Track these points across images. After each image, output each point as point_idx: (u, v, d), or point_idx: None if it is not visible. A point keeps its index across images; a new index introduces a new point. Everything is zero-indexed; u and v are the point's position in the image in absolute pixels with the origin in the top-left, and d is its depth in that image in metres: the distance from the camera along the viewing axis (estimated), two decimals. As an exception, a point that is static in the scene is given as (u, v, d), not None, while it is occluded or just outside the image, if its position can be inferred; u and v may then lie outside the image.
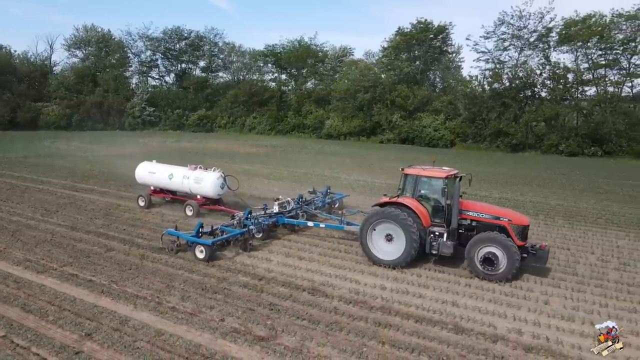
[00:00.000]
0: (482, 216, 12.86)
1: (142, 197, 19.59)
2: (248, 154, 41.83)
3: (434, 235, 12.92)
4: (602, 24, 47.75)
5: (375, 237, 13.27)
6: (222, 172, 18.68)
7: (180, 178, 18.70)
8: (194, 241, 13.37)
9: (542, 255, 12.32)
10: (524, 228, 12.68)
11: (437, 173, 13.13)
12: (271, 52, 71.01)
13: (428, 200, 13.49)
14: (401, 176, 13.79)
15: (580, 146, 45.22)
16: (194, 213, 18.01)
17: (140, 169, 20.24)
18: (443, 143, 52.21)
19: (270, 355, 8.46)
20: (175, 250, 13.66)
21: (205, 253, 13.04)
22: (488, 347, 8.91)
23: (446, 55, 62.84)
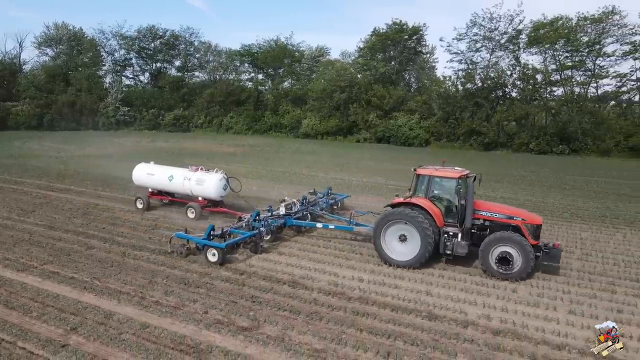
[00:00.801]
0: (495, 216, 12.87)
1: (140, 199, 19.04)
2: (226, 153, 41.86)
3: (447, 235, 12.91)
4: (569, 27, 49.58)
5: (388, 237, 13.17)
6: (225, 173, 18.32)
7: (181, 180, 18.21)
8: (207, 244, 13.10)
9: (555, 254, 12.41)
10: (537, 227, 12.73)
11: (450, 173, 13.15)
12: (247, 52, 70.96)
13: (441, 200, 13.49)
14: (413, 176, 13.75)
15: (549, 145, 46.81)
16: (196, 215, 17.60)
17: (137, 171, 19.62)
18: (418, 142, 53.24)
19: (254, 344, 8.82)
20: (185, 253, 13.35)
21: (218, 256, 12.80)
22: (459, 331, 9.48)
23: (421, 56, 63.99)
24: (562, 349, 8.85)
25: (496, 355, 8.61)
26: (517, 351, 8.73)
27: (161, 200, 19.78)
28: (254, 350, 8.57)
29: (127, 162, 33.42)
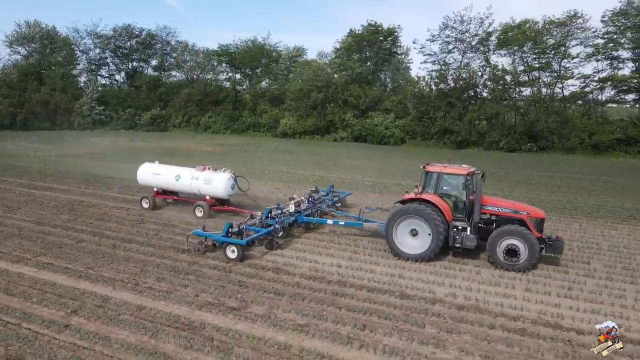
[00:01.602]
0: (502, 210, 13.53)
1: (146, 198, 19.12)
2: (205, 152, 42.35)
3: (457, 229, 13.53)
4: (536, 30, 51.70)
5: (400, 232, 13.74)
6: (233, 172, 18.56)
7: (188, 179, 18.33)
8: (227, 241, 13.37)
9: (558, 246, 13.14)
10: (541, 221, 13.45)
11: (459, 170, 13.82)
12: (225, 52, 71.17)
13: (449, 196, 14.04)
14: (422, 173, 14.32)
15: (517, 143, 48.72)
16: (204, 214, 17.73)
17: (142, 171, 19.67)
18: (394, 141, 54.60)
19: (243, 321, 9.73)
20: (203, 251, 13.59)
21: (238, 253, 13.10)
22: (428, 307, 10.58)
23: (395, 57, 65.44)
24: (518, 320, 10.05)
25: (460, 326, 9.71)
26: (478, 322, 9.86)
27: (165, 200, 19.88)
28: (243, 327, 9.47)
29: (107, 161, 33.83)
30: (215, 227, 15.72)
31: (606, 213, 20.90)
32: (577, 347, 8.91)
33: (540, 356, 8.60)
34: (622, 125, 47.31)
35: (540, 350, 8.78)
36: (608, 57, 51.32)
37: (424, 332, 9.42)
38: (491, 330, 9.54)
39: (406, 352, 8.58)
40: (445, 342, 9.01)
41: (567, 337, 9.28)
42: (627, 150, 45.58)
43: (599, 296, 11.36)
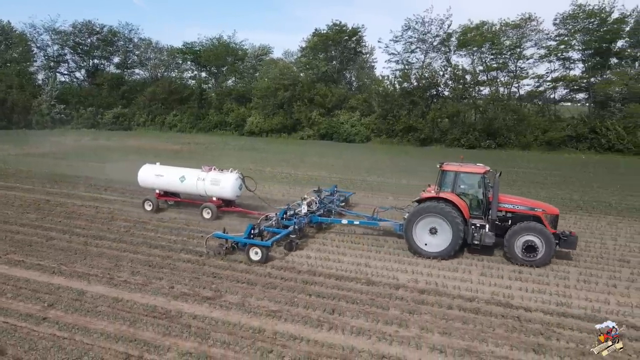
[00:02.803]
0: (518, 207, 13.84)
1: (149, 201, 18.64)
2: (172, 151, 42.06)
3: (475, 227, 13.75)
4: (493, 32, 53.97)
5: (419, 230, 13.85)
6: (241, 173, 18.35)
7: (194, 180, 17.99)
8: (251, 243, 13.20)
9: (572, 241, 13.43)
10: (555, 217, 13.86)
11: (476, 169, 14.13)
12: (190, 50, 70.47)
13: (466, 194, 14.30)
14: (438, 172, 14.51)
15: (477, 140, 50.73)
16: (212, 216, 17.47)
17: (144, 172, 19.14)
18: (359, 138, 55.68)
19: (218, 309, 10.22)
20: (223, 253, 13.33)
21: (262, 254, 12.93)
22: (392, 292, 11.37)
23: (360, 56, 66.61)
24: (473, 300, 10.98)
25: (421, 307, 10.54)
26: (438, 304, 10.72)
27: (166, 202, 19.50)
28: (218, 314, 9.97)
29: (71, 161, 33.27)
30: (209, 227, 16.00)
31: (556, 204, 22.10)
32: (525, 322, 9.89)
33: (492, 331, 9.50)
34: (573, 123, 50.12)
35: (492, 326, 9.69)
36: (560, 58, 54.27)
37: (388, 313, 10.18)
38: (449, 310, 10.40)
39: (372, 332, 9.31)
40: (407, 322, 9.79)
41: (516, 314, 10.26)
42: (577, 147, 48.39)
43: (545, 278, 12.47)
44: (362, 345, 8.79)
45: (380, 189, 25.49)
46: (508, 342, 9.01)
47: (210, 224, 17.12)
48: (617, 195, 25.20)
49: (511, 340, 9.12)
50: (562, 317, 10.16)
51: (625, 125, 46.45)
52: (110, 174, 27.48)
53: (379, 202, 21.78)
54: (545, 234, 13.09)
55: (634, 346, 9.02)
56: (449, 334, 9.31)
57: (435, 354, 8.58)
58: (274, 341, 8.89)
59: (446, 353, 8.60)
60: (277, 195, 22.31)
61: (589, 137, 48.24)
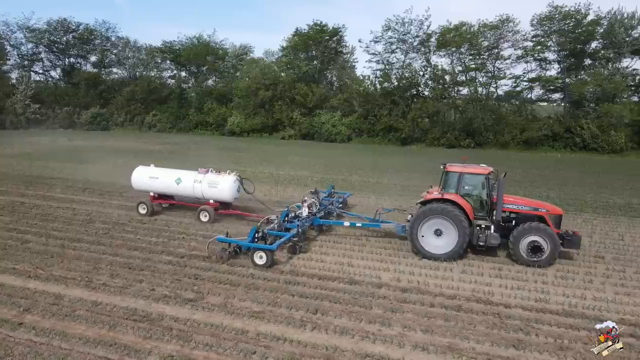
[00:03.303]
0: (522, 208, 13.80)
1: (144, 204, 18.05)
2: (151, 151, 41.48)
3: (479, 228, 13.72)
4: (471, 33, 54.65)
5: (424, 232, 13.67)
6: (239, 175, 17.99)
7: (190, 183, 17.54)
8: (256, 247, 12.89)
9: (575, 241, 13.49)
10: (559, 217, 13.80)
11: (480, 170, 14.02)
12: (169, 49, 69.52)
13: (470, 195, 14.12)
14: (442, 173, 14.49)
15: (457, 139, 51.38)
16: (209, 219, 17.09)
17: (137, 174, 18.56)
18: (340, 138, 55.77)
19: (200, 311, 10.12)
20: (226, 258, 12.96)
21: (267, 259, 12.62)
22: (374, 291, 11.43)
23: (341, 56, 66.65)
24: (454, 298, 11.11)
25: (403, 306, 10.62)
26: (420, 302, 10.83)
27: (160, 205, 18.89)
28: (201, 316, 9.87)
29: (47, 162, 32.49)
30: (191, 229, 15.80)
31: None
32: (505, 319, 10.07)
33: (473, 328, 9.63)
34: (549, 123, 51.13)
35: (473, 323, 9.82)
36: (536, 58, 55.34)
37: (371, 312, 10.23)
38: (431, 308, 10.51)
39: (355, 331, 9.34)
40: (390, 320, 9.85)
41: (496, 311, 10.42)
42: (554, 146, 49.51)
43: (524, 275, 12.71)
44: (345, 344, 8.82)
45: (362, 188, 25.58)
46: (489, 339, 9.15)
47: (192, 225, 16.95)
48: (592, 193, 25.84)
49: (492, 336, 9.26)
50: (540, 313, 10.37)
51: (599, 125, 47.63)
52: (88, 175, 26.96)
53: (361, 201, 21.90)
54: (550, 234, 13.09)
55: (610, 340, 9.22)
56: (431, 332, 9.40)
57: (418, 352, 8.65)
58: (257, 342, 8.84)
59: (429, 350, 8.68)
60: (259, 196, 22.14)
61: (564, 136, 49.35)
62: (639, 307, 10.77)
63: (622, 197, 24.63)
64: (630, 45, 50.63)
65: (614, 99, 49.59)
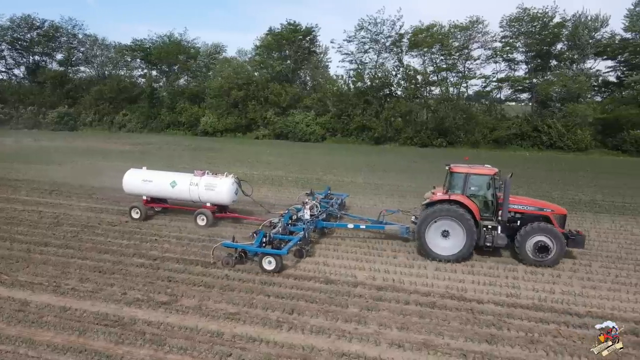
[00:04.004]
0: (527, 208, 13.78)
1: (136, 208, 17.41)
2: (122, 152, 40.57)
3: (486, 228, 13.62)
4: (442, 33, 55.60)
5: (431, 234, 13.55)
6: (237, 177, 17.49)
7: (186, 185, 16.97)
8: (265, 252, 12.51)
9: (580, 240, 13.54)
10: (563, 217, 13.87)
11: (486, 171, 13.92)
12: (139, 47, 68.14)
13: (476, 196, 13.97)
14: (447, 174, 14.39)
15: (429, 138, 52.21)
16: (207, 222, 16.59)
17: (129, 178, 17.83)
18: (314, 138, 55.82)
19: (174, 314, 9.94)
20: (233, 263, 12.56)
21: (276, 264, 12.25)
22: (350, 290, 11.46)
23: (314, 55, 66.75)
24: (429, 295, 11.26)
25: (379, 304, 10.68)
26: (395, 300, 10.92)
27: (152, 208, 18.11)
28: (174, 319, 9.69)
29: (10, 163, 31.34)
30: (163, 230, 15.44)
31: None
32: (478, 314, 10.26)
33: (447, 324, 9.77)
34: (517, 122, 52.61)
35: (448, 319, 9.97)
36: (505, 59, 56.78)
37: (347, 311, 10.25)
38: (406, 306, 10.61)
39: (331, 330, 9.35)
40: (366, 318, 9.90)
41: (469, 307, 10.62)
42: (522, 144, 50.94)
43: (496, 271, 12.99)
44: (321, 344, 8.81)
45: (337, 187, 25.57)
46: (463, 334, 9.30)
47: (165, 227, 16.65)
48: (559, 190, 26.65)
49: (465, 332, 9.42)
50: (512, 308, 10.61)
51: (565, 124, 49.23)
52: (55, 176, 26.15)
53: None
54: (556, 234, 13.18)
55: (577, 333, 9.53)
56: (406, 329, 9.49)
57: (394, 350, 8.72)
58: (232, 344, 8.74)
59: (404, 348, 8.76)
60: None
61: (532, 135, 50.80)
62: (604, 300, 11.14)
63: (586, 194, 25.49)
64: (594, 47, 52.56)
65: (578, 98, 51.28)
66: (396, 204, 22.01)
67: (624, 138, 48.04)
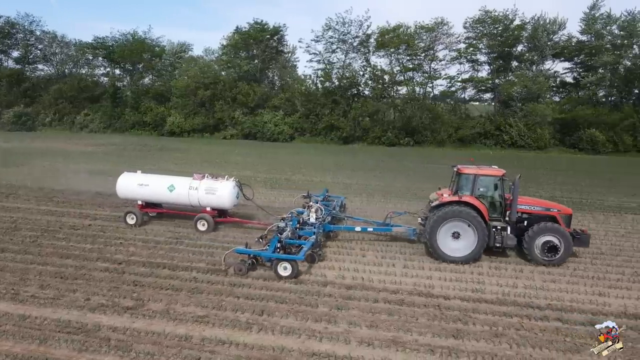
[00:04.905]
0: (534, 208, 13.97)
1: (132, 214, 16.66)
2: (84, 153, 39.32)
3: (496, 229, 13.61)
4: (408, 34, 56.53)
5: (442, 235, 13.52)
6: (238, 180, 17.02)
7: (185, 190, 16.40)
8: (281, 257, 12.21)
9: (584, 239, 13.79)
10: (569, 217, 14.07)
11: (494, 172, 14.02)
12: (101, 45, 66.13)
13: (484, 197, 14.06)
14: (454, 175, 14.44)
15: (397, 137, 52.97)
16: (208, 227, 16.09)
17: (124, 182, 17.15)
18: (283, 137, 55.65)
19: (140, 319, 9.72)
20: (245, 270, 12.17)
21: (293, 269, 11.97)
22: (320, 289, 11.50)
23: (282, 55, 66.57)
24: (397, 292, 11.44)
25: (349, 303, 10.76)
26: (364, 298, 11.02)
27: (146, 213, 17.35)
28: (141, 324, 9.48)
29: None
30: (128, 233, 14.99)
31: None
32: (444, 310, 10.49)
33: (415, 321, 9.95)
34: (481, 121, 54.13)
35: (416, 316, 10.16)
36: (469, 60, 58.26)
37: (317, 311, 10.29)
38: (375, 304, 10.74)
39: (301, 330, 9.36)
40: (336, 317, 9.97)
41: (436, 303, 10.85)
42: (486, 143, 52.40)
43: (461, 267, 13.29)
44: (292, 344, 8.81)
45: (305, 187, 25.57)
46: (430, 330, 9.50)
47: (130, 230, 16.24)
48: (520, 187, 27.34)
49: (433, 328, 9.62)
50: (477, 303, 10.91)
51: (525, 123, 50.93)
52: (12, 179, 25.09)
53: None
54: (563, 234, 13.40)
55: (539, 325, 9.89)
56: (376, 327, 9.61)
57: (364, 347, 8.81)
58: (201, 347, 8.63)
59: (374, 345, 8.87)
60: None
61: (495, 134, 52.35)
62: (563, 293, 11.60)
63: (546, 191, 26.46)
64: (552, 49, 54.58)
65: (538, 99, 53.08)
66: (364, 203, 22.28)
67: (581, 137, 50.21)
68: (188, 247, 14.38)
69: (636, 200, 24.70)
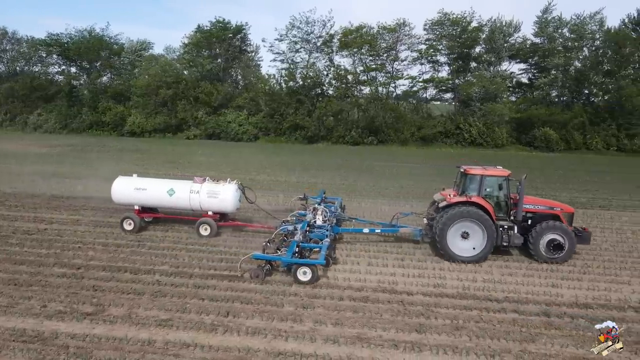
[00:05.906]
0: (538, 208, 14.28)
1: (129, 219, 16.08)
2: (38, 154, 37.72)
3: (502, 229, 13.86)
4: (371, 34, 57.25)
5: (451, 235, 13.67)
6: (241, 183, 16.63)
7: (185, 194, 15.91)
8: (300, 262, 12.04)
9: (586, 237, 14.17)
10: (571, 215, 14.42)
11: (500, 172, 14.23)
12: (56, 42, 63.49)
13: (491, 197, 14.25)
14: (460, 175, 14.68)
15: (360, 137, 53.56)
16: (211, 232, 15.69)
17: (119, 186, 16.48)
18: (247, 137, 55.23)
19: (101, 325, 9.47)
20: (263, 276, 11.96)
21: (313, 274, 11.83)
22: (285, 289, 11.54)
23: (246, 54, 66.00)
24: (362, 290, 11.62)
25: (314, 301, 10.84)
26: (330, 296, 11.13)
27: (142, 219, 16.63)
28: (101, 330, 9.24)
29: None
30: (85, 237, 14.49)
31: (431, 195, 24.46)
32: (408, 305, 10.75)
33: (379, 317, 10.15)
34: (442, 121, 55.52)
35: (380, 312, 10.36)
36: (430, 61, 59.54)
37: (283, 310, 10.32)
38: (340, 302, 10.87)
39: (267, 330, 9.37)
40: (301, 316, 10.03)
41: (400, 299, 11.10)
42: (446, 142, 53.75)
43: (424, 263, 13.67)
44: (258, 344, 8.81)
45: (271, 187, 25.61)
46: (394, 326, 9.71)
47: (88, 233, 15.77)
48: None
49: (396, 323, 9.84)
50: (439, 298, 11.24)
51: (484, 122, 52.61)
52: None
53: (273, 199, 21.84)
54: (567, 232, 13.77)
55: (497, 317, 10.28)
56: (341, 324, 9.73)
57: (329, 345, 8.91)
58: (165, 352, 8.51)
59: (339, 343, 8.98)
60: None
61: (455, 132, 53.80)
62: (520, 286, 12.12)
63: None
64: (508, 51, 56.57)
65: (495, 99, 54.86)
66: (330, 202, 22.40)
67: (535, 135, 52.40)
68: (150, 250, 14.09)
69: (586, 196, 26.00)
